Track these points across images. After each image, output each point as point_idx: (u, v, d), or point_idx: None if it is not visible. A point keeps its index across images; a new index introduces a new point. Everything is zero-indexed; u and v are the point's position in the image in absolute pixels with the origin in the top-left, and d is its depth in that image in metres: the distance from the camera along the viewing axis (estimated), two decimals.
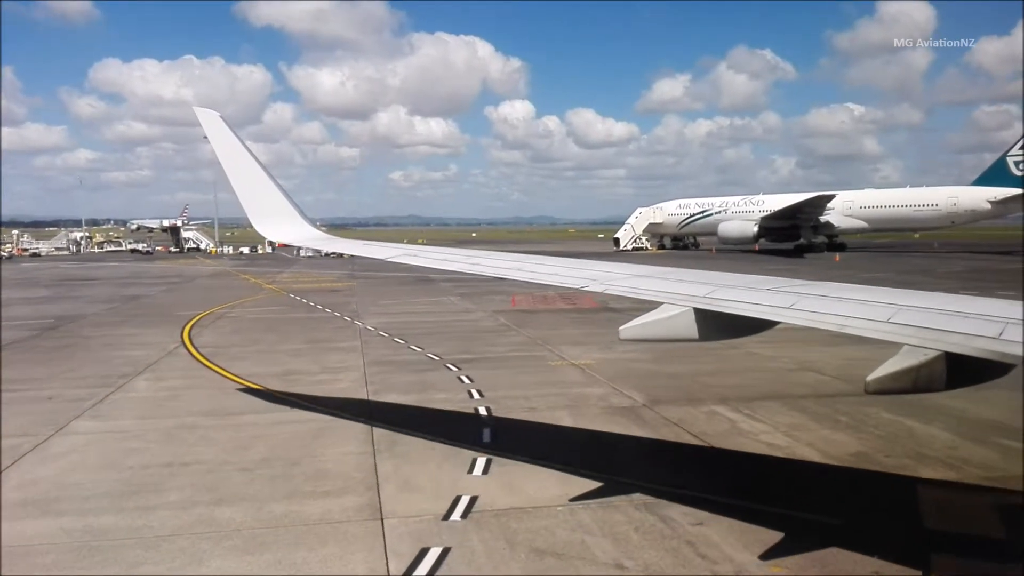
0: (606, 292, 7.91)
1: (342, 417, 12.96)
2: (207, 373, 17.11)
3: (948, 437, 11.56)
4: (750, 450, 10.94)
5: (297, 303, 32.84)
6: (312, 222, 11.61)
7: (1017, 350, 4.75)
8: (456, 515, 8.51)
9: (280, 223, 11.03)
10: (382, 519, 8.44)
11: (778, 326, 6.43)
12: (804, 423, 12.40)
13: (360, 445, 11.26)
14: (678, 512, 8.55)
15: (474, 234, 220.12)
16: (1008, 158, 71.36)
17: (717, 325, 6.66)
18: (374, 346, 20.69)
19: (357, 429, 12.18)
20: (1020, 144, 70.82)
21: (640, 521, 8.32)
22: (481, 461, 10.40)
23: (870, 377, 5.61)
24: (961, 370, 5.29)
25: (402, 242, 15.76)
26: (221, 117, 11.00)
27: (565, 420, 12.62)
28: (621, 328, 7.17)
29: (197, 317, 27.41)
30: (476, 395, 14.57)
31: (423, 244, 15.09)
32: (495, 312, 28.55)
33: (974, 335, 5.04)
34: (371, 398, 14.26)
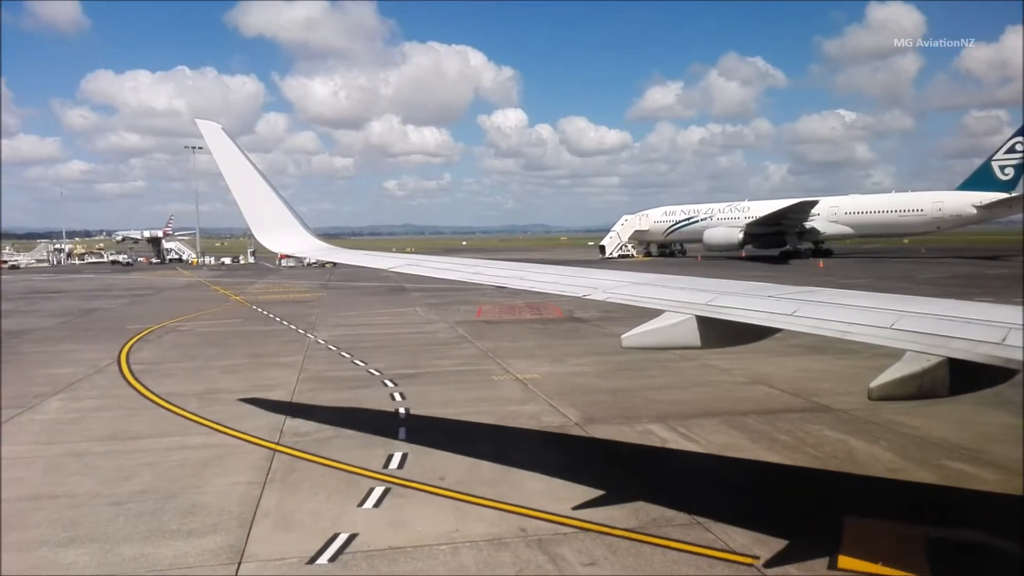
0: (608, 300, 7.77)
1: (248, 440, 12.09)
2: (127, 392, 16.20)
3: (890, 458, 10.74)
4: (673, 475, 10.09)
5: (256, 315, 31.94)
6: (314, 233, 11.37)
7: (1020, 355, 4.70)
8: (324, 558, 7.63)
9: (282, 234, 10.97)
10: (240, 563, 7.55)
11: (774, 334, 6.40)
12: (739, 443, 11.56)
13: (254, 473, 10.38)
14: (572, 550, 7.70)
15: (464, 243, 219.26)
16: (993, 162, 71.04)
17: (719, 332, 6.61)
18: (316, 361, 19.81)
19: (259, 454, 11.31)
20: (1005, 148, 70.49)
21: (527, 562, 7.46)
22: (378, 491, 9.55)
23: (874, 384, 5.52)
24: (965, 376, 5.22)
25: (391, 250, 15.13)
26: (223, 129, 10.89)
27: (486, 442, 11.75)
28: (623, 336, 7.03)
29: (146, 331, 26.50)
30: (402, 413, 13.72)
31: (412, 252, 14.51)
32: (457, 323, 27.70)
33: (977, 340, 4.98)
34: (286, 420, 13.35)
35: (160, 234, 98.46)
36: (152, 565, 7.57)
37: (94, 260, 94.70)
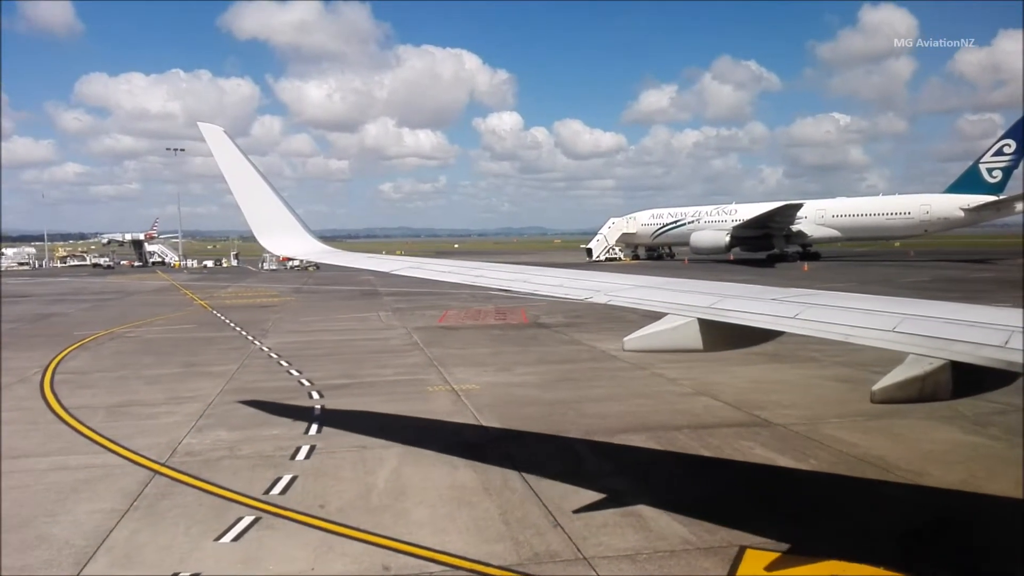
0: (610, 303, 7.73)
1: (134, 460, 11.22)
2: (37, 405, 15.27)
3: (815, 479, 9.88)
4: (575, 502, 9.21)
5: (212, 320, 31.03)
6: (316, 236, 11.22)
7: (1022, 359, 4.64)
8: None
9: (284, 237, 10.96)
10: None
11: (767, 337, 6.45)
12: (658, 462, 10.74)
13: (121, 500, 9.48)
14: None
15: (456, 245, 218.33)
16: (981, 165, 70.35)
17: (722, 335, 6.57)
18: (250, 371, 18.92)
19: (136, 477, 10.41)
20: (993, 151, 69.82)
21: None
22: (247, 520, 8.68)
23: (876, 387, 5.38)
24: (967, 379, 5.13)
25: (381, 253, 14.56)
26: (225, 132, 10.89)
27: (388, 464, 10.86)
28: (625, 339, 6.86)
29: (91, 338, 25.59)
30: (313, 431, 12.83)
31: (401, 255, 14.03)
32: (416, 329, 26.85)
33: (980, 344, 4.94)
34: (186, 437, 12.45)
35: (142, 237, 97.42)
36: None
37: (76, 263, 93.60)
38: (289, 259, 63.37)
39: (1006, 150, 68.66)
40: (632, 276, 8.79)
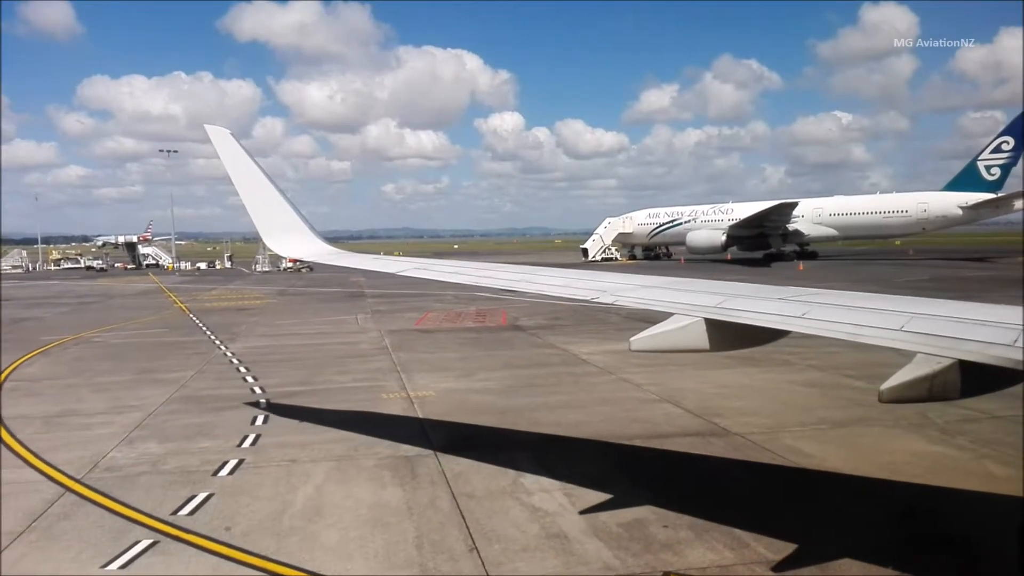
0: (616, 303, 7.76)
1: (50, 476, 10.65)
2: None
3: (758, 495, 9.26)
4: (501, 525, 8.60)
5: (186, 324, 30.47)
6: (322, 237, 11.32)
7: None
8: None
9: (290, 238, 11.01)
10: None
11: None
12: (601, 478, 10.07)
13: (21, 520, 8.90)
14: None
15: (456, 246, 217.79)
16: (979, 162, 69.51)
17: (728, 335, 6.54)
18: (204, 378, 18.31)
19: (46, 495, 9.82)
20: (991, 148, 68.98)
21: None
22: (144, 544, 8.12)
23: (884, 386, 5.32)
24: (975, 378, 5.08)
25: (379, 254, 14.17)
26: (231, 134, 10.97)
27: (314, 480, 10.27)
28: (632, 339, 6.78)
29: (55, 343, 25.05)
30: (249, 443, 12.24)
31: (399, 256, 14.03)
32: (389, 332, 26.27)
33: (988, 343, 4.89)
34: (112, 451, 11.87)
35: (135, 239, 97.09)
36: None
37: (69, 266, 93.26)
38: (297, 260, 63.68)
39: (1004, 147, 67.83)
40: (636, 276, 8.65)
